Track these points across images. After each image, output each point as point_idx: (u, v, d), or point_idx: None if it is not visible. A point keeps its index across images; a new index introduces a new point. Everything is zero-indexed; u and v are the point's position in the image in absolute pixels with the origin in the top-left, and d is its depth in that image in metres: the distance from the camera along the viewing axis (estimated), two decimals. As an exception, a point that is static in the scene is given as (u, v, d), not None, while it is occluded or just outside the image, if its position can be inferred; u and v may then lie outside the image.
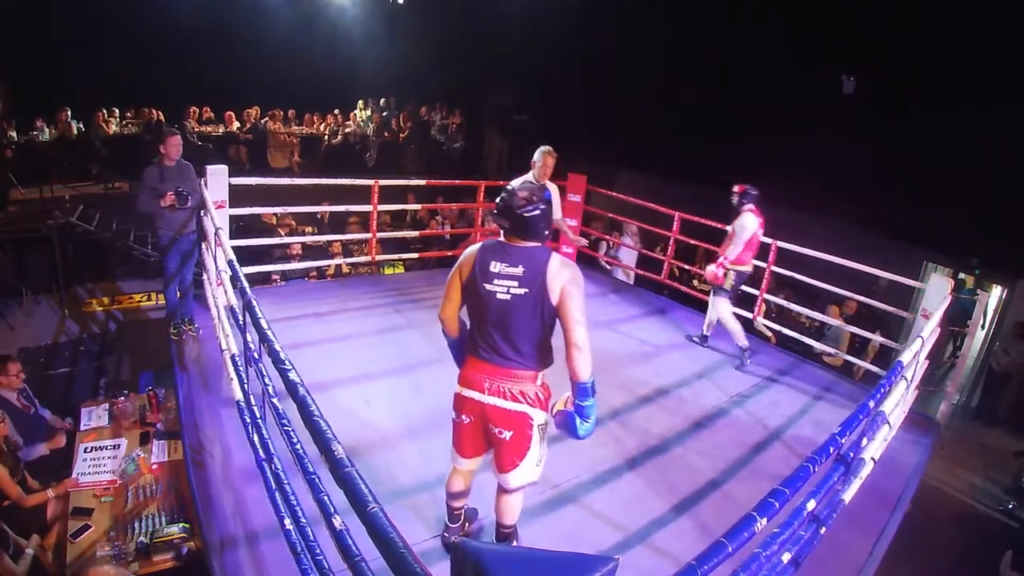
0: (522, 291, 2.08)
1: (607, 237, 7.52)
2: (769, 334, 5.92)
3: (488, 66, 11.15)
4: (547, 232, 2.18)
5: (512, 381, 2.17)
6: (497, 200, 2.17)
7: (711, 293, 4.99)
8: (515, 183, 3.97)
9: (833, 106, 7.76)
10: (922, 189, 6.80)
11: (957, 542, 4.98)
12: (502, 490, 2.35)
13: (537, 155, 4.57)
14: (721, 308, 4.84)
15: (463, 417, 2.25)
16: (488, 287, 2.11)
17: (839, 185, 7.15)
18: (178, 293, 4.34)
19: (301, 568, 1.99)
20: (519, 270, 2.09)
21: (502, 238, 2.18)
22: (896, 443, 3.65)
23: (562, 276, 2.07)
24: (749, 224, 4.59)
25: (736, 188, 4.71)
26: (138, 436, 3.99)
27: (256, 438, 2.62)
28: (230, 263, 3.12)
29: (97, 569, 1.78)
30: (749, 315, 5.48)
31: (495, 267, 2.11)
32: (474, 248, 2.20)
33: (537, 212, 2.10)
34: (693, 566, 1.29)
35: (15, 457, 3.72)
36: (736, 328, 4.74)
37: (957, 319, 6.48)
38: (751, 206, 4.63)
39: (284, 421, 2.15)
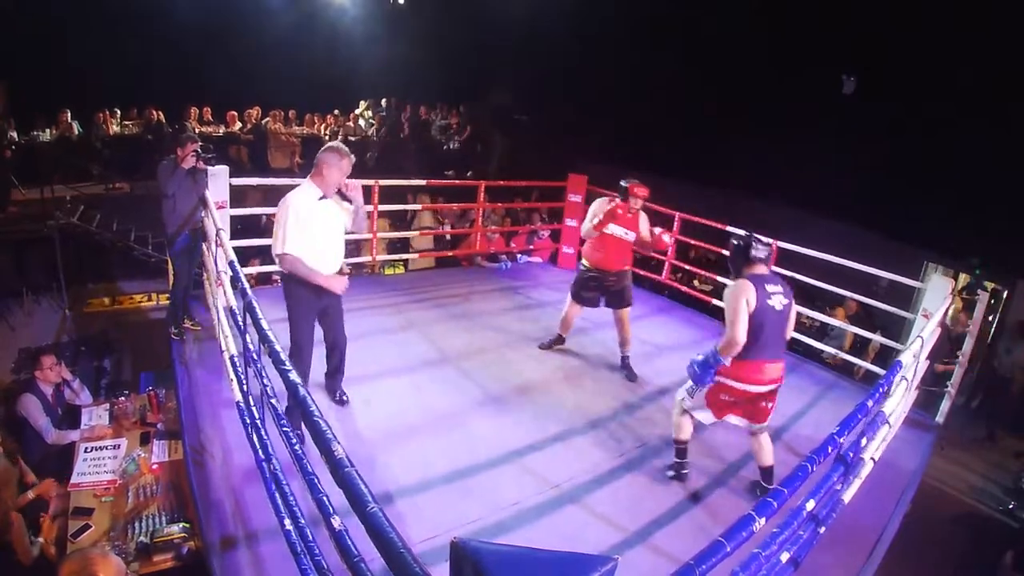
0: (787, 301, 2.97)
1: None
2: None
3: (488, 66, 11.15)
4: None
5: (783, 368, 3.05)
6: (752, 242, 2.99)
7: None
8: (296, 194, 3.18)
9: (833, 106, 7.76)
10: (922, 189, 6.81)
11: (957, 542, 4.97)
12: (761, 435, 3.13)
13: (330, 155, 3.16)
14: None
15: (732, 400, 3.03)
16: (770, 303, 2.89)
17: (839, 185, 7.15)
18: (184, 289, 4.38)
19: (301, 568, 2.00)
20: (780, 288, 2.96)
21: (759, 272, 2.97)
22: (896, 443, 3.65)
23: (791, 289, 3.03)
24: None
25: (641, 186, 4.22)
26: (138, 436, 3.99)
27: (256, 438, 2.63)
28: (231, 264, 3.13)
29: (86, 552, 1.78)
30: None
31: (770, 289, 2.92)
32: (746, 283, 2.91)
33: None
34: (691, 565, 1.30)
35: (13, 459, 3.74)
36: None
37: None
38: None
39: (283, 421, 2.15)
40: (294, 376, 1.94)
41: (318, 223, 3.15)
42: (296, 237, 3.09)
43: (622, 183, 4.25)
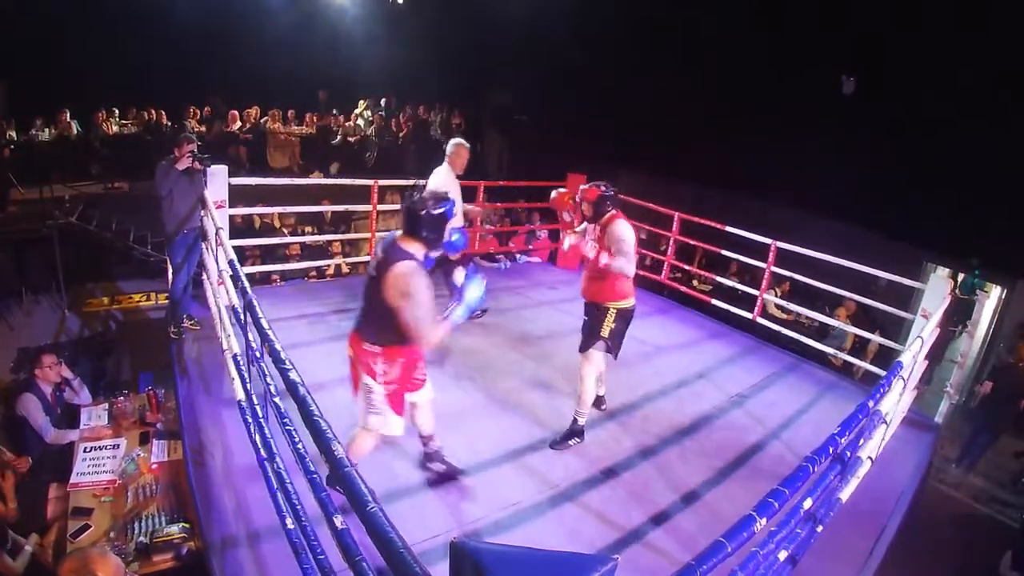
0: (374, 274, 2.41)
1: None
2: (783, 315, 5.94)
3: (488, 66, 11.15)
4: (429, 237, 2.43)
5: (358, 344, 2.50)
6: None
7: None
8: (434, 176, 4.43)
9: (833, 106, 7.76)
10: (922, 189, 6.81)
11: (957, 542, 4.98)
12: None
13: (450, 147, 4.51)
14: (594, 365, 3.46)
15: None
16: (370, 259, 2.55)
17: (839, 185, 7.15)
18: (183, 288, 4.40)
19: (302, 567, 2.00)
20: (381, 256, 2.41)
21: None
22: (896, 443, 3.66)
23: (395, 286, 2.31)
24: (628, 235, 3.22)
25: (586, 188, 3.32)
26: (138, 436, 3.99)
27: (258, 437, 2.63)
28: (231, 263, 3.13)
29: (85, 551, 1.79)
30: (749, 315, 5.48)
31: (378, 247, 2.48)
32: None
33: (424, 213, 2.38)
34: (692, 566, 1.29)
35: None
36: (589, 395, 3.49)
37: (958, 318, 6.49)
38: (614, 210, 3.32)
39: (286, 420, 2.15)
40: (294, 375, 1.94)
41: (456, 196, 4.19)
42: None
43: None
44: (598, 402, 3.88)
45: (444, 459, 3.03)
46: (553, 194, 3.61)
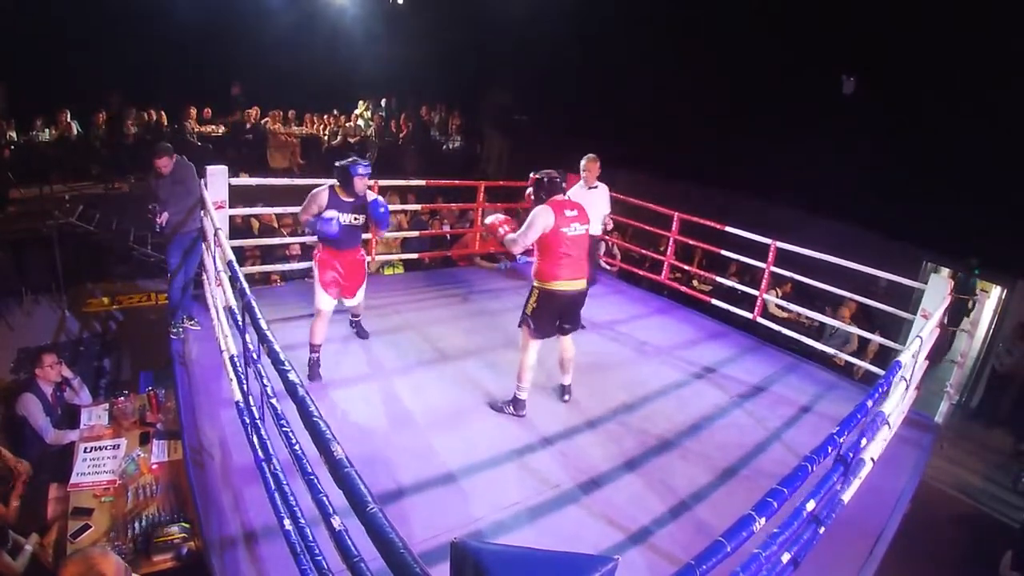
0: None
1: (606, 237, 7.52)
2: (784, 315, 5.94)
3: (488, 66, 11.15)
4: (340, 183, 3.77)
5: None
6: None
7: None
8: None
9: (833, 106, 7.75)
10: (922, 189, 6.80)
11: (957, 542, 4.98)
12: None
13: (583, 162, 5.24)
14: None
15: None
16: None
17: (839, 185, 7.14)
18: (181, 289, 4.40)
19: (300, 568, 1.99)
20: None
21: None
22: (896, 443, 3.66)
23: None
24: (538, 219, 3.42)
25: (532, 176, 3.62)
26: (138, 436, 3.99)
27: (255, 438, 2.63)
28: (229, 264, 3.13)
29: (87, 552, 1.79)
30: (749, 315, 5.48)
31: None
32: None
33: (335, 165, 3.81)
34: (692, 565, 1.29)
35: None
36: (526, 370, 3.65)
37: (957, 315, 6.49)
38: (549, 197, 3.54)
39: (283, 421, 2.15)
40: (293, 376, 1.94)
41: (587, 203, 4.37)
42: None
43: None
44: (561, 391, 3.97)
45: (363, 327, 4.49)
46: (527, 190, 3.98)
